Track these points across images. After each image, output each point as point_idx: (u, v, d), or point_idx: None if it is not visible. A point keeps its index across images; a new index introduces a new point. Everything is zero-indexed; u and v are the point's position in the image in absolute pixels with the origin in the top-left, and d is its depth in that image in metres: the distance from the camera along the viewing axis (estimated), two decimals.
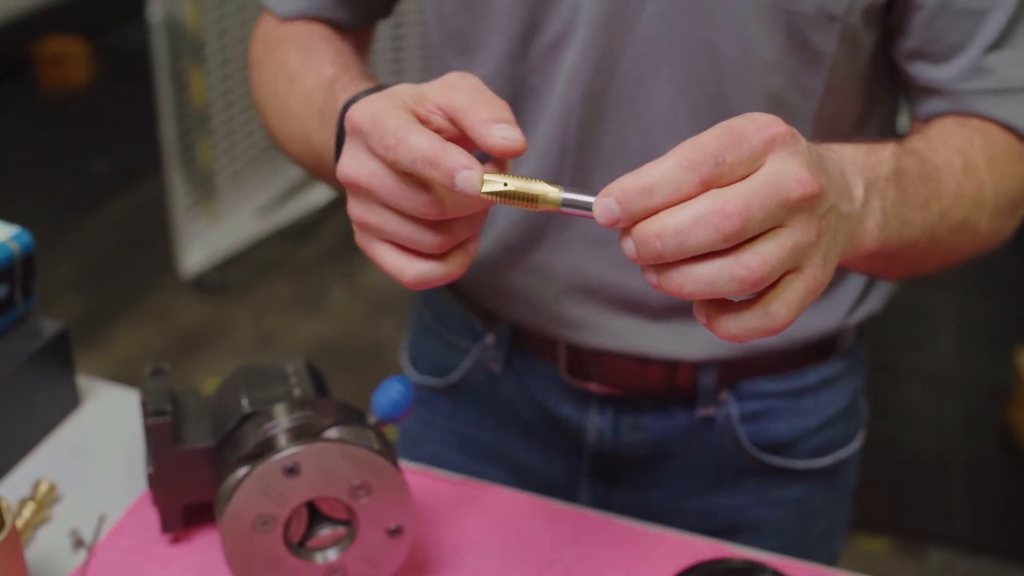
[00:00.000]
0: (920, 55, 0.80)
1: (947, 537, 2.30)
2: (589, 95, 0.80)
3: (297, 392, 0.78)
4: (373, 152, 0.60)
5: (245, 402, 0.76)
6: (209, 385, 2.25)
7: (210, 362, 2.70)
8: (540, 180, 0.57)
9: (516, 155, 0.59)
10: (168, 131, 2.81)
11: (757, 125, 0.53)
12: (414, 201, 0.60)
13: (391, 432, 0.97)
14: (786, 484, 0.97)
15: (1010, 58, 0.77)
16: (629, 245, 0.53)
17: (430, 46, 0.91)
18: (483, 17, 0.82)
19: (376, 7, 0.93)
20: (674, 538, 0.83)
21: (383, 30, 2.87)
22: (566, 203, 0.56)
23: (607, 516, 0.85)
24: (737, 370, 0.92)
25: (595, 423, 0.95)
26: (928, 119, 0.82)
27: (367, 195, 0.62)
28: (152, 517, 0.81)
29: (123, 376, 1.79)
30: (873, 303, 0.95)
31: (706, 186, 0.52)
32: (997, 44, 0.77)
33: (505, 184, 0.57)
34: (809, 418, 0.96)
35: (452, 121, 0.61)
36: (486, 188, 0.57)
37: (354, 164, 0.61)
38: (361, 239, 0.65)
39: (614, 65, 0.79)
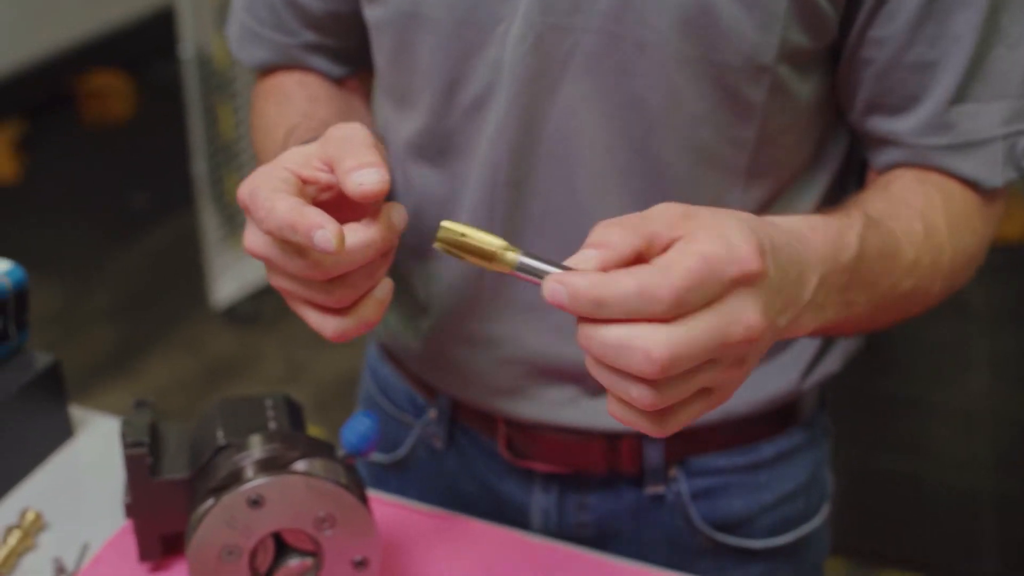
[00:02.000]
0: (876, 108, 0.78)
1: (975, 573, 2.27)
2: (515, 154, 0.79)
3: (272, 425, 0.79)
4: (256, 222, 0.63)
5: (220, 434, 0.78)
6: None
7: (239, 392, 2.73)
8: (499, 237, 0.56)
9: (375, 197, 0.61)
10: (200, 165, 2.86)
11: (732, 258, 0.52)
12: (297, 266, 0.63)
13: None
14: (743, 564, 0.93)
15: (969, 111, 0.75)
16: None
17: (376, 96, 0.91)
18: (411, 72, 0.82)
19: (353, 54, 0.93)
20: (642, 572, 0.84)
21: None
22: (522, 267, 0.56)
23: (576, 548, 0.86)
24: (685, 445, 0.89)
25: (540, 503, 0.93)
26: (885, 168, 0.81)
27: (269, 264, 0.66)
28: (133, 547, 0.82)
29: None
30: (831, 363, 0.91)
31: (655, 320, 0.51)
32: (956, 98, 0.75)
33: (463, 235, 0.56)
34: (766, 494, 0.92)
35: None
36: (441, 235, 0.56)
37: (250, 237, 0.65)
38: (288, 302, 0.69)
39: (539, 123, 0.78)
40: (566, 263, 0.54)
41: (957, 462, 2.58)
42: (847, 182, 0.89)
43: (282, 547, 0.75)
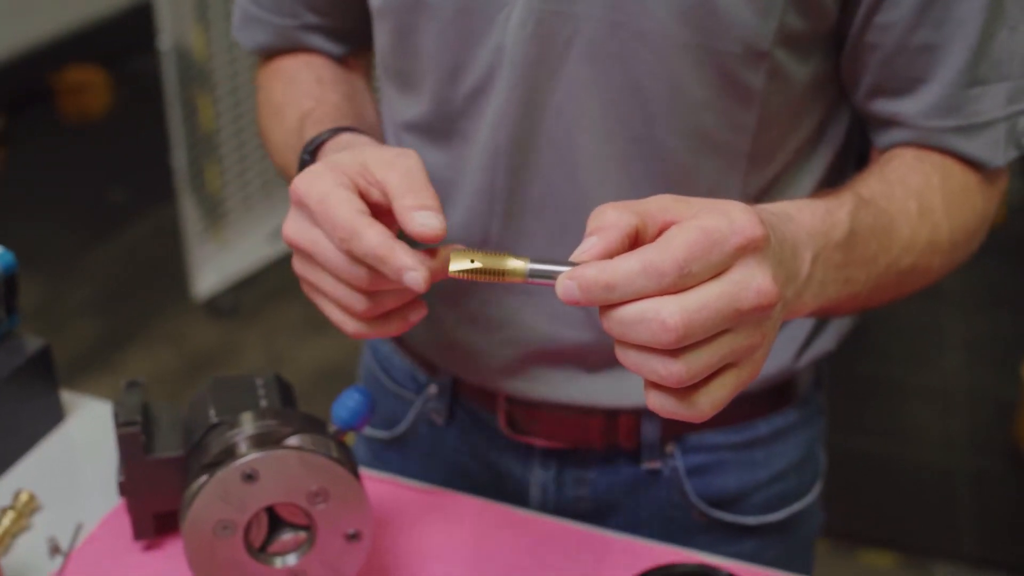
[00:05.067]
0: (881, 91, 0.79)
1: (954, 552, 2.30)
2: (516, 140, 0.80)
3: (263, 403, 0.81)
4: (318, 225, 0.66)
5: (212, 412, 0.79)
6: None
7: None
8: (506, 254, 0.59)
9: (435, 240, 0.65)
10: (179, 157, 2.86)
11: (734, 228, 0.54)
12: (351, 272, 0.66)
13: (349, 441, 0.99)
14: (737, 540, 0.95)
15: (974, 94, 0.76)
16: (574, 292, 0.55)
17: (378, 77, 0.92)
18: (414, 57, 0.83)
19: (354, 34, 0.94)
20: (633, 544, 0.85)
21: None
22: (533, 274, 0.58)
23: (567, 523, 0.88)
24: (682, 422, 0.86)
25: (538, 478, 0.94)
26: (889, 148, 0.81)
27: (309, 258, 0.68)
28: (127, 526, 0.83)
29: None
30: (825, 342, 0.92)
31: (665, 293, 0.54)
32: (961, 81, 0.76)
33: (472, 261, 0.59)
34: (760, 471, 0.93)
35: (386, 197, 0.67)
36: (453, 267, 0.59)
37: (299, 230, 0.68)
38: (307, 290, 0.71)
39: (540, 109, 0.78)
40: (571, 258, 0.56)
41: (934, 442, 2.61)
42: (846, 165, 0.90)
43: (276, 521, 0.76)
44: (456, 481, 0.96)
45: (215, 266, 3.06)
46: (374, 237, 0.64)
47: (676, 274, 0.53)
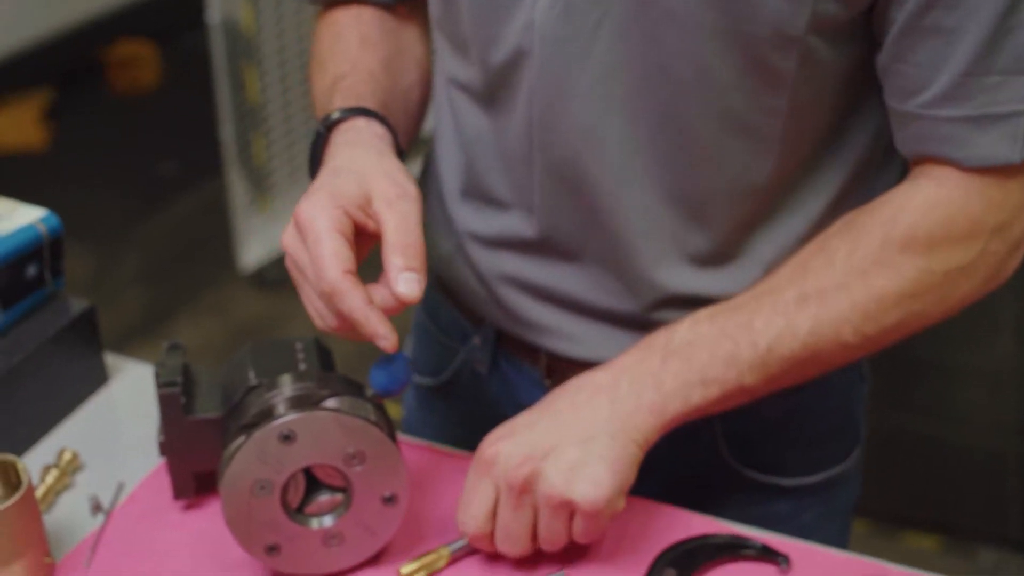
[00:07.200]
0: (890, 73, 0.77)
1: (999, 536, 2.28)
2: (546, 116, 0.81)
3: (302, 366, 0.81)
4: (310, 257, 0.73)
5: (251, 374, 0.80)
6: None
7: None
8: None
9: (413, 303, 0.72)
10: (227, 130, 2.88)
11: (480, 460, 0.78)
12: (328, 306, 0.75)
13: (395, 412, 0.99)
14: (772, 501, 0.95)
15: (992, 83, 0.73)
16: None
17: (432, 31, 0.93)
18: (458, 24, 0.84)
19: None
20: (669, 511, 0.85)
21: None
22: None
23: None
24: None
25: None
26: (909, 154, 0.79)
27: (293, 268, 0.77)
28: (167, 485, 0.84)
29: None
30: None
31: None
32: (974, 69, 0.72)
33: None
34: (797, 434, 0.94)
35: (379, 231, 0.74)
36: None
37: (295, 247, 0.75)
38: (291, 270, 0.78)
39: (570, 87, 0.79)
40: None
41: (983, 425, 2.58)
42: (870, 168, 0.88)
43: (313, 483, 0.77)
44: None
45: (262, 238, 3.08)
46: (353, 302, 0.71)
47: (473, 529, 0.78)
